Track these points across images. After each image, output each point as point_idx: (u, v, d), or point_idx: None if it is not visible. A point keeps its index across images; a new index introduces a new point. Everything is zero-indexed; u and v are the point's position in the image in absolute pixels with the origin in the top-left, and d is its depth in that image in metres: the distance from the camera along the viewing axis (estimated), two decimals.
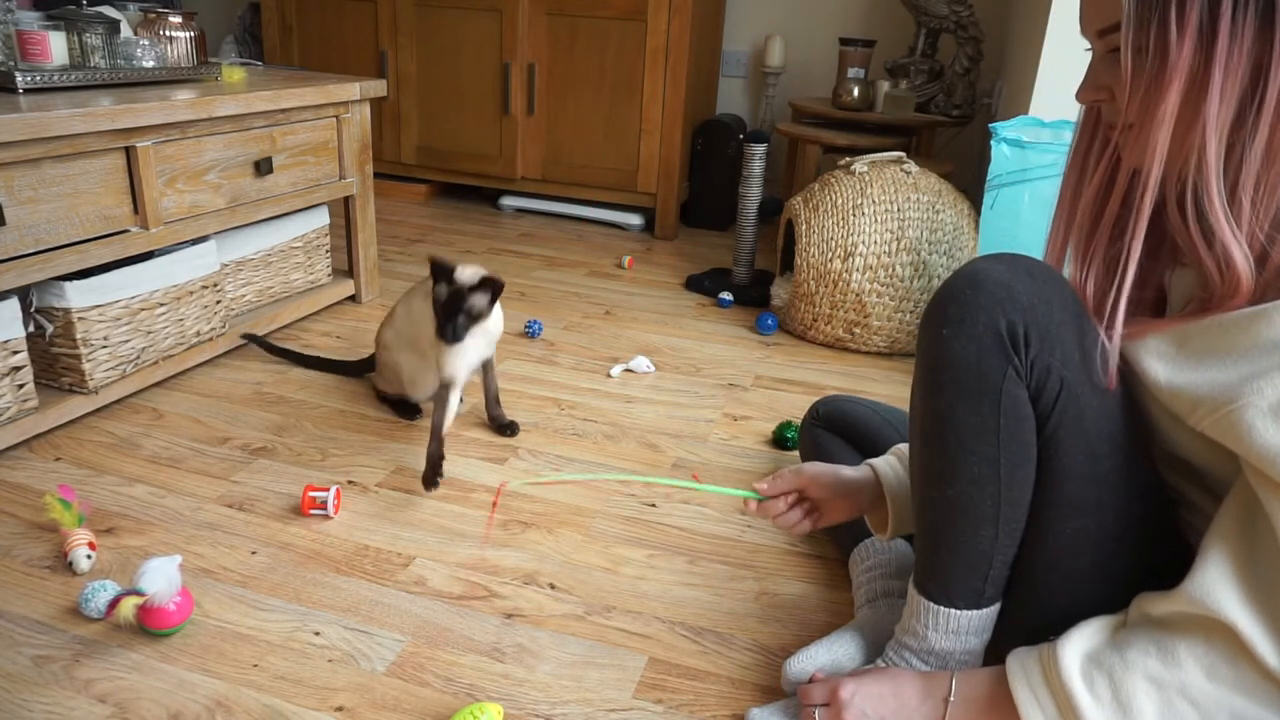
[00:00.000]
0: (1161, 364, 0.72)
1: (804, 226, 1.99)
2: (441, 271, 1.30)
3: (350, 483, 1.35)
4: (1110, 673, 0.71)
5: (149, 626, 0.99)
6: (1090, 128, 0.81)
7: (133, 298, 1.49)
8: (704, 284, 2.37)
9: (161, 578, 0.98)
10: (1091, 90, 0.76)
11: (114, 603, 0.97)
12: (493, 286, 1.31)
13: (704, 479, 1.42)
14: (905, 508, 0.97)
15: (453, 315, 1.28)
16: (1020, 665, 0.77)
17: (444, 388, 1.38)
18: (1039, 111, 2.00)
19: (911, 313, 1.93)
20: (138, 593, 0.97)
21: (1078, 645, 0.74)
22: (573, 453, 1.48)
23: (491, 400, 1.54)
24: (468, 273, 1.31)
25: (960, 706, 0.81)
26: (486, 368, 1.51)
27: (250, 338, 1.77)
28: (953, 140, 3.04)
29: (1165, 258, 0.79)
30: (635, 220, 2.97)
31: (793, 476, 0.98)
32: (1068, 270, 0.82)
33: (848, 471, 1.00)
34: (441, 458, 1.32)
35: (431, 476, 1.30)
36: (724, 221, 3.03)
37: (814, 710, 0.86)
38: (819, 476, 0.98)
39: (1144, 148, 0.69)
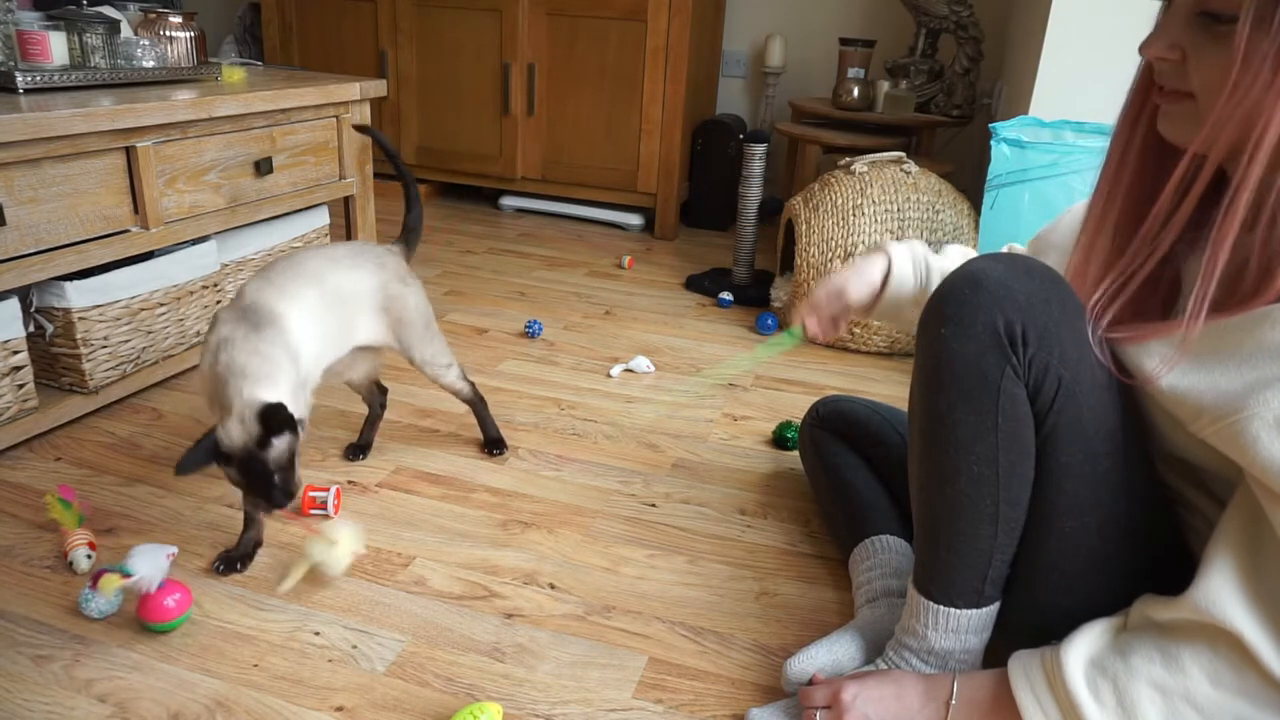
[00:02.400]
0: (1163, 366, 0.72)
1: (804, 226, 1.99)
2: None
3: (350, 483, 1.35)
4: (1114, 679, 0.71)
5: (147, 621, 0.99)
6: (1142, 93, 0.77)
7: (133, 298, 1.49)
8: (704, 284, 2.37)
9: (147, 562, 0.98)
10: (1163, 47, 0.70)
11: (98, 575, 0.99)
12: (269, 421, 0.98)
13: (704, 479, 1.42)
14: (897, 303, 1.06)
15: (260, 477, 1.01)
16: (1023, 669, 0.77)
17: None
18: (1039, 111, 2.00)
19: None
20: (123, 572, 0.98)
21: (1081, 650, 0.74)
22: (573, 453, 1.48)
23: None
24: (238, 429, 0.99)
25: (962, 710, 0.81)
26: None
27: (362, 128, 1.53)
28: (953, 140, 3.04)
29: (1184, 248, 0.78)
30: (635, 220, 2.97)
31: (829, 311, 1.08)
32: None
33: (873, 276, 1.06)
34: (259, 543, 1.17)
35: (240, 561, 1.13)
36: (724, 221, 3.03)
37: (815, 712, 0.86)
38: (855, 299, 1.06)
39: (1198, 122, 0.67)
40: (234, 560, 1.13)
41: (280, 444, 0.99)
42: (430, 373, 1.34)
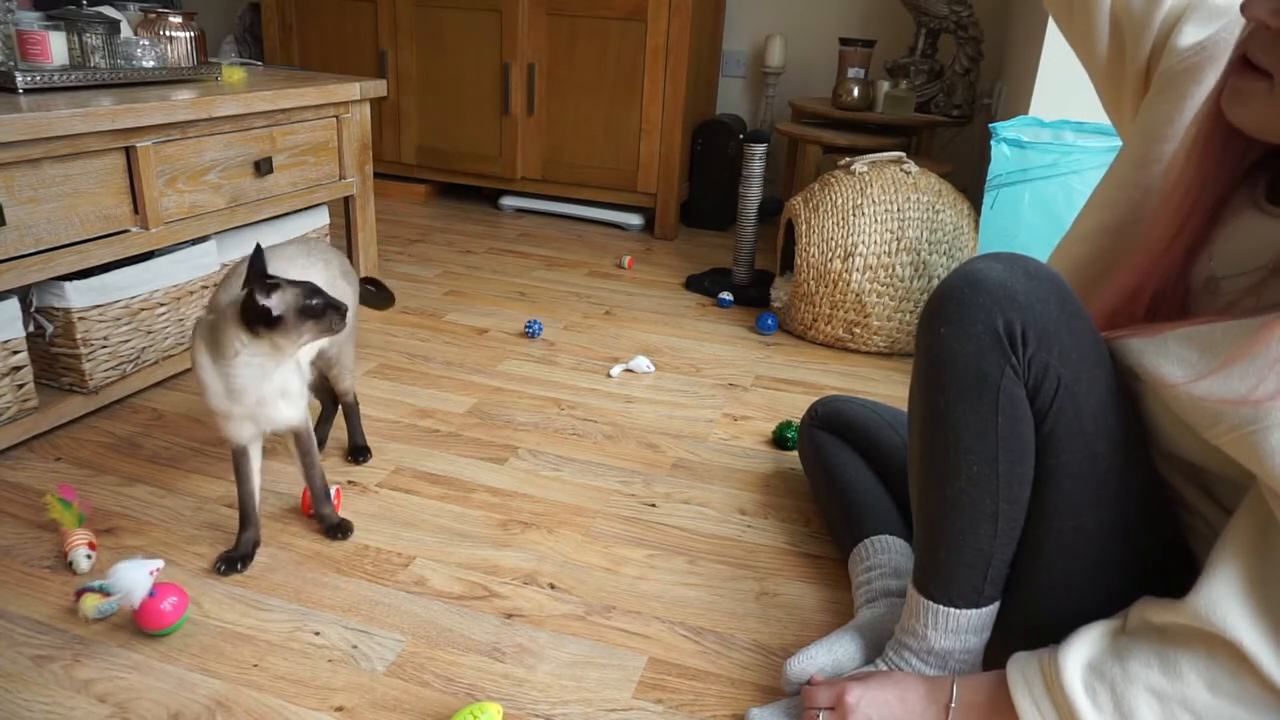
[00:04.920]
0: (1182, 371, 0.70)
1: (804, 226, 1.99)
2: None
3: (350, 483, 1.35)
4: (1112, 684, 0.70)
5: (144, 627, 0.99)
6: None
7: (133, 298, 1.49)
8: (704, 284, 2.37)
9: (128, 579, 0.98)
10: (1269, 10, 0.64)
11: (80, 593, 1.00)
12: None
13: (704, 479, 1.42)
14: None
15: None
16: (1021, 673, 0.77)
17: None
18: (1039, 111, 2.00)
19: (911, 313, 1.93)
20: (103, 590, 0.99)
21: (1079, 654, 0.74)
22: (573, 453, 1.48)
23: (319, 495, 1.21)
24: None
25: (961, 713, 0.81)
26: (298, 436, 1.16)
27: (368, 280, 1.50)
28: (953, 140, 3.04)
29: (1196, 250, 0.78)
30: (635, 220, 2.97)
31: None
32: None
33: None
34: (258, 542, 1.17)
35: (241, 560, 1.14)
36: (724, 221, 3.03)
37: (818, 713, 0.86)
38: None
39: (1270, 109, 0.65)
40: (234, 560, 1.13)
41: (278, 297, 0.99)
42: (338, 372, 1.31)
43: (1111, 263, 0.87)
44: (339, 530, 1.21)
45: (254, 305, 0.98)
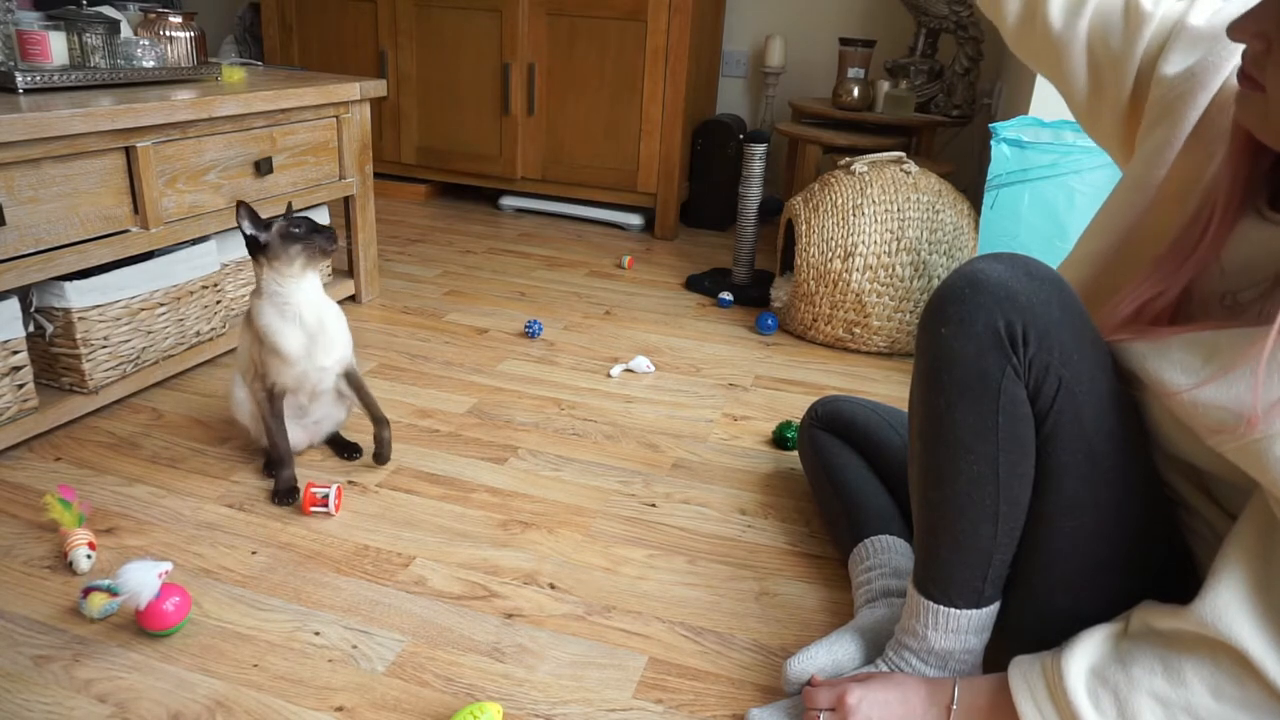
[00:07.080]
0: (1185, 377, 0.70)
1: (804, 226, 1.99)
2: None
3: (350, 483, 1.35)
4: (1115, 690, 0.70)
5: (146, 627, 0.99)
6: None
7: (133, 298, 1.49)
8: (704, 284, 2.37)
9: (136, 580, 0.98)
10: (1250, 32, 0.67)
11: (87, 591, 1.01)
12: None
13: (704, 479, 1.42)
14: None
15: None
16: (1023, 677, 0.77)
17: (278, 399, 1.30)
18: (1039, 111, 2.00)
19: (911, 313, 1.93)
20: (110, 590, 0.99)
21: (1082, 658, 0.74)
22: (573, 453, 1.48)
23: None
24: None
25: (963, 715, 0.81)
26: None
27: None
28: (953, 140, 3.04)
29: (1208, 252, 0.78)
30: (635, 220, 2.97)
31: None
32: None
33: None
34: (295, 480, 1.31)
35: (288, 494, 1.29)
36: (724, 221, 3.03)
37: (819, 714, 0.86)
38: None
39: (1267, 118, 0.66)
40: (284, 494, 1.28)
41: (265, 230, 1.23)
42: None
43: (1112, 286, 0.87)
44: (379, 458, 1.40)
45: (247, 238, 1.23)
